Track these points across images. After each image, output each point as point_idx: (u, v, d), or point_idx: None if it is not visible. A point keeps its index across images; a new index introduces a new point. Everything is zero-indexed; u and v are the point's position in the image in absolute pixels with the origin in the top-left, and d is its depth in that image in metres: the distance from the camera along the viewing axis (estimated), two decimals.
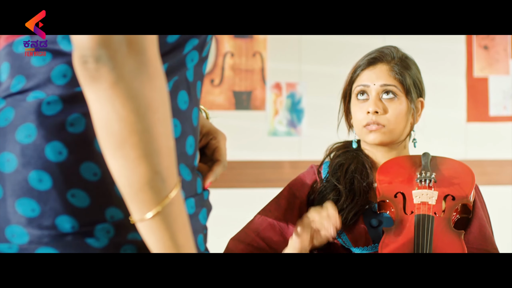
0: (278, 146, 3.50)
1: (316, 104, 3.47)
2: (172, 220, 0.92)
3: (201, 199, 1.09)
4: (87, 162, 0.95)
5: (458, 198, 1.74)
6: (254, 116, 3.51)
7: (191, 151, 1.08)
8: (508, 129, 3.65)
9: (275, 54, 3.53)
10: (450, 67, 3.64)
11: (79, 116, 0.95)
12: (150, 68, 0.88)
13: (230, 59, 3.51)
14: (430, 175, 1.79)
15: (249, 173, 3.43)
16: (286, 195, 1.86)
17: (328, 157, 1.92)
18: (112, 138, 0.88)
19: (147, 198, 0.90)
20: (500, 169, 3.60)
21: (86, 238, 0.95)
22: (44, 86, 0.97)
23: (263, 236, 1.79)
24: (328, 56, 3.51)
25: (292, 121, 3.53)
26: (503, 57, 3.64)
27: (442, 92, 3.57)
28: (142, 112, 0.87)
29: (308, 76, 3.53)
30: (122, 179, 0.90)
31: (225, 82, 3.50)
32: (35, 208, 0.95)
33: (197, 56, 1.07)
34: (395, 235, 1.66)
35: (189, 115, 1.07)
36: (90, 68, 0.86)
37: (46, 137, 0.95)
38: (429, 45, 3.59)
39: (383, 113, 1.80)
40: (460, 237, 1.65)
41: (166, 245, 0.93)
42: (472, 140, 3.62)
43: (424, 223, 1.68)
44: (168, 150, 0.91)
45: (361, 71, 1.84)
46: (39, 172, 0.95)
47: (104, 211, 0.96)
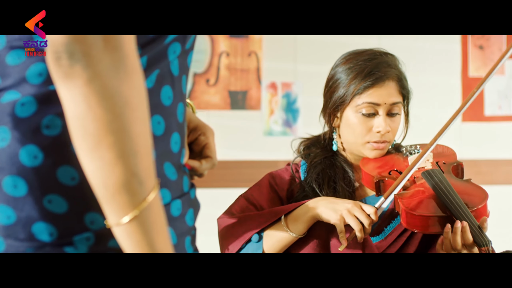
0: (274, 146, 3.50)
1: (311, 103, 3.47)
2: (150, 225, 0.87)
3: (188, 199, 1.05)
4: (64, 166, 0.91)
5: (448, 162, 1.81)
6: (249, 116, 3.51)
7: (177, 148, 1.03)
8: (503, 128, 3.66)
9: (270, 54, 3.53)
10: (445, 67, 3.64)
11: (55, 117, 0.91)
12: (128, 65, 0.84)
13: (226, 59, 3.51)
14: (415, 147, 1.85)
15: (244, 173, 3.43)
16: (267, 185, 1.86)
17: (303, 153, 1.90)
18: (87, 138, 0.84)
19: (123, 201, 0.85)
20: (495, 169, 3.61)
21: (65, 246, 0.92)
22: (19, 85, 0.93)
23: (247, 225, 1.76)
24: (323, 56, 3.51)
25: (287, 121, 3.53)
26: (498, 57, 3.64)
27: (437, 91, 3.58)
28: (119, 110, 0.83)
29: (304, 76, 3.53)
30: (98, 181, 0.85)
31: (220, 82, 3.50)
32: (10, 215, 0.91)
33: (179, 47, 1.03)
34: (411, 197, 1.67)
35: (174, 111, 1.03)
36: (63, 64, 0.82)
37: (21, 141, 0.91)
38: (425, 45, 3.59)
39: (390, 131, 1.79)
40: (472, 182, 1.71)
41: (143, 250, 0.88)
42: (467, 139, 3.63)
43: (434, 173, 1.71)
44: (146, 151, 0.87)
45: (370, 87, 1.76)
46: (14, 177, 0.91)
47: (83, 216, 0.92)
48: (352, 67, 1.80)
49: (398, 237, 1.76)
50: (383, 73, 1.77)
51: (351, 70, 1.80)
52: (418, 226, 1.61)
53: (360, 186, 1.86)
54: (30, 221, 0.91)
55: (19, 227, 0.91)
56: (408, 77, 1.86)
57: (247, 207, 1.82)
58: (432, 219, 1.61)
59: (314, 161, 1.86)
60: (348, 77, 1.79)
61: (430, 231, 1.63)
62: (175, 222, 0.99)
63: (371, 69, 1.78)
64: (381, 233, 1.76)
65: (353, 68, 1.80)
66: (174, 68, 1.03)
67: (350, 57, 1.83)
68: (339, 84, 1.81)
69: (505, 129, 3.65)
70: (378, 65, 1.78)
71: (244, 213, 1.78)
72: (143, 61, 0.96)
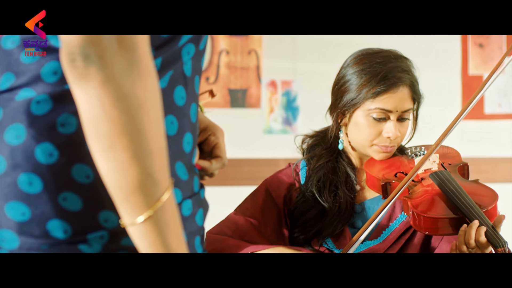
0: (274, 144, 3.50)
1: (311, 101, 3.47)
2: (164, 224, 0.89)
3: (198, 199, 1.06)
4: (79, 164, 0.92)
5: (454, 163, 1.80)
6: (249, 114, 3.51)
7: (189, 148, 1.04)
8: (503, 127, 3.66)
9: (270, 52, 3.53)
10: (445, 65, 3.64)
11: (69, 115, 0.92)
12: (141, 66, 0.85)
13: (226, 57, 3.50)
14: (420, 149, 1.83)
15: (244, 171, 3.43)
16: (263, 193, 1.84)
17: (306, 156, 1.88)
18: (101, 140, 0.85)
19: (138, 202, 0.87)
20: (495, 167, 3.61)
21: (79, 244, 0.92)
22: (34, 84, 0.93)
23: (241, 235, 1.76)
24: (323, 54, 3.51)
25: (287, 119, 3.53)
26: (498, 55, 3.65)
27: (438, 90, 3.58)
28: (133, 112, 0.84)
29: (303, 74, 3.53)
30: (113, 182, 0.86)
31: (220, 80, 3.50)
32: (25, 212, 0.92)
33: (194, 48, 1.04)
34: (420, 199, 1.66)
35: (187, 111, 1.04)
36: (78, 66, 0.83)
37: (36, 138, 0.92)
38: (425, 44, 3.59)
39: (399, 136, 1.78)
40: (480, 183, 1.71)
41: (158, 250, 0.89)
42: (468, 138, 3.63)
43: (443, 175, 1.70)
44: (160, 152, 0.88)
45: (383, 93, 1.74)
46: (29, 174, 0.91)
47: (97, 214, 0.93)
48: (365, 69, 1.76)
49: (396, 240, 1.75)
50: (398, 78, 1.74)
51: (364, 73, 1.76)
52: (428, 229, 1.60)
53: (360, 189, 1.85)
54: (44, 218, 0.92)
55: (34, 224, 0.92)
56: None
57: (242, 224, 1.78)
58: (442, 221, 1.59)
59: (318, 165, 1.83)
60: (361, 80, 1.76)
61: (440, 233, 1.61)
62: (185, 222, 1.00)
63: (385, 74, 1.74)
64: (379, 236, 1.75)
65: (366, 71, 1.76)
66: (187, 69, 1.03)
67: (363, 57, 1.79)
68: (351, 85, 1.77)
69: (505, 127, 3.65)
70: (393, 70, 1.75)
71: (224, 242, 1.74)
72: (157, 62, 0.97)
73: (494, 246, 1.52)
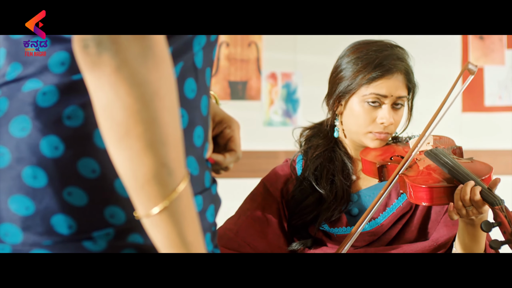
0: (274, 136, 3.50)
1: (311, 94, 3.47)
2: (180, 216, 0.86)
3: (209, 195, 1.03)
4: (85, 158, 0.90)
5: (447, 147, 1.82)
6: (249, 106, 3.51)
7: (200, 142, 1.02)
8: (503, 119, 3.66)
9: (270, 44, 3.52)
10: (445, 57, 3.64)
11: (77, 108, 0.90)
12: (156, 52, 0.83)
13: (226, 49, 3.50)
14: (413, 135, 1.86)
15: (244, 163, 3.43)
16: (261, 191, 1.87)
17: (302, 150, 1.91)
18: (115, 128, 0.82)
19: (153, 192, 0.84)
20: (495, 159, 3.61)
21: (83, 241, 0.90)
22: (41, 74, 0.91)
23: (244, 235, 1.79)
24: (323, 46, 3.50)
25: (287, 111, 3.53)
26: (499, 47, 3.64)
27: (438, 82, 3.57)
28: (148, 99, 0.81)
29: (303, 66, 3.53)
30: (127, 171, 0.84)
31: (220, 72, 3.49)
32: (29, 206, 0.89)
33: (204, 39, 1.01)
34: (416, 173, 1.68)
35: (197, 104, 1.01)
36: (91, 52, 0.81)
37: (42, 131, 0.89)
38: (425, 36, 3.58)
39: (393, 123, 1.81)
40: (475, 160, 1.73)
41: (173, 242, 0.86)
42: (468, 130, 3.63)
43: (438, 150, 1.73)
44: (175, 141, 0.85)
45: (378, 78, 1.77)
46: (34, 168, 0.89)
47: (103, 210, 0.90)
48: (361, 56, 1.80)
49: (393, 224, 1.78)
50: (392, 65, 1.78)
51: (360, 60, 1.80)
52: (425, 199, 1.61)
53: (356, 179, 1.87)
54: (49, 213, 0.89)
55: (38, 219, 0.90)
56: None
57: (245, 225, 1.81)
58: (438, 190, 1.60)
59: (315, 155, 1.86)
60: (357, 66, 1.80)
61: (437, 203, 1.62)
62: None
63: (381, 61, 1.78)
64: (378, 218, 1.78)
65: (362, 58, 1.80)
66: (198, 60, 1.01)
67: (359, 47, 1.83)
68: (347, 73, 1.81)
69: (505, 119, 3.65)
70: (388, 57, 1.79)
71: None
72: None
73: (491, 204, 1.53)
